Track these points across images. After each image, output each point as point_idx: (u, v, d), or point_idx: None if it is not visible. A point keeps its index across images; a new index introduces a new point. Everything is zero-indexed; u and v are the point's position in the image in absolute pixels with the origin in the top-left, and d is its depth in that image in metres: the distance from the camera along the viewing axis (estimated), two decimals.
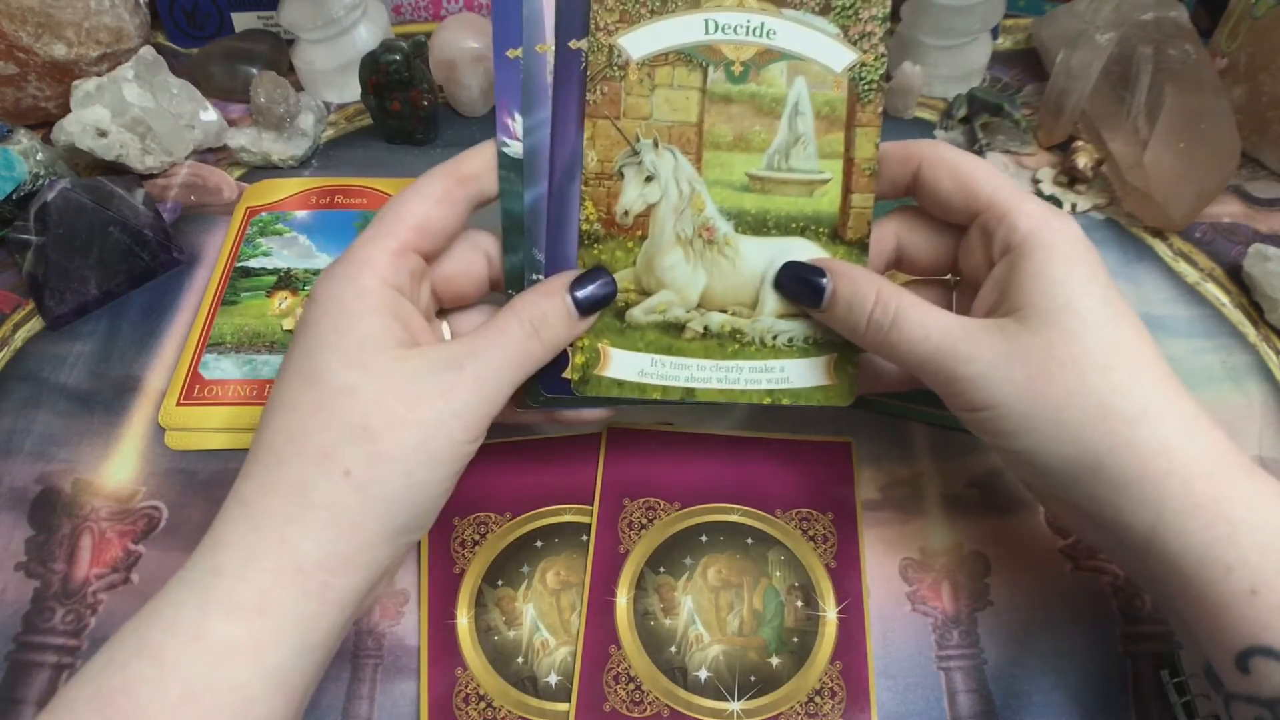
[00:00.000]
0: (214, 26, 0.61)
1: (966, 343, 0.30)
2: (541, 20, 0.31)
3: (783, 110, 0.33)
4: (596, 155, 0.33)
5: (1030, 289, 0.29)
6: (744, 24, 0.33)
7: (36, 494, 0.40)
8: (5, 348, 0.46)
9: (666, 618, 0.36)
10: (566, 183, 0.33)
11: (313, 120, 0.54)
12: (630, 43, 0.32)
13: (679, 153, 0.33)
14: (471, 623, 0.36)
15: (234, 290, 0.47)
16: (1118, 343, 0.29)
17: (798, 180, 0.34)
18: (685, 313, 0.34)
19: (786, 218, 0.34)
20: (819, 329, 0.34)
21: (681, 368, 0.34)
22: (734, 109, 0.33)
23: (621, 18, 0.32)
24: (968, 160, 0.32)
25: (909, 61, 0.53)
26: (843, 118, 0.34)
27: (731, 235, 0.34)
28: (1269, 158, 0.51)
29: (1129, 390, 0.28)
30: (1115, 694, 0.34)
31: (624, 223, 0.33)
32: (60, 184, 0.44)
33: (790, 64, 0.33)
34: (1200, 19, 0.56)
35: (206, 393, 0.42)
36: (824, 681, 0.34)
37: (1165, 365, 0.29)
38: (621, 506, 0.38)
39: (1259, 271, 0.45)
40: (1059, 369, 0.28)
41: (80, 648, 0.36)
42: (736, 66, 0.33)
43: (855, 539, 0.38)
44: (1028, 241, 0.30)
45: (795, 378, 0.34)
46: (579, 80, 0.32)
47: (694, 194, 0.34)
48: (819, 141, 0.34)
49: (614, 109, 0.32)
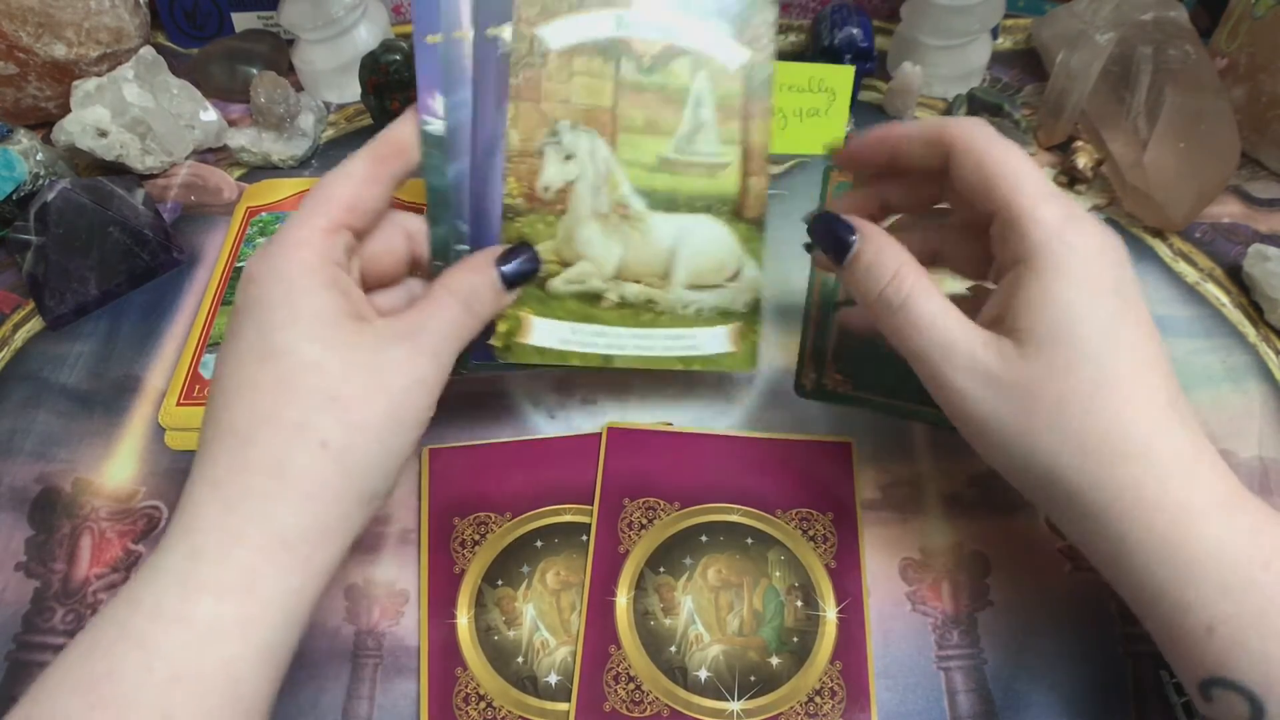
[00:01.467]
0: (214, 26, 0.61)
1: (964, 353, 0.29)
2: (459, 9, 0.34)
3: (687, 100, 0.36)
4: (519, 135, 0.35)
5: (1030, 314, 0.28)
6: (651, 22, 0.36)
7: (36, 494, 0.40)
8: (5, 348, 0.46)
9: (666, 618, 0.36)
10: (487, 159, 0.34)
11: (313, 120, 0.54)
12: (550, 33, 0.35)
13: (595, 135, 0.36)
14: (471, 623, 0.36)
15: (234, 290, 0.47)
16: (1109, 378, 0.28)
17: (701, 163, 0.37)
18: (602, 283, 0.36)
19: (693, 196, 0.37)
20: (726, 299, 0.38)
21: (600, 335, 0.37)
22: (645, 97, 0.36)
23: (542, 11, 0.34)
24: (996, 149, 0.30)
25: (909, 61, 0.53)
26: (739, 109, 0.37)
27: (644, 211, 0.37)
28: (1269, 158, 0.51)
29: (1109, 431, 0.28)
30: (1115, 694, 0.34)
31: (545, 197, 0.35)
32: (60, 184, 0.44)
33: (693, 59, 0.36)
34: (1200, 19, 0.56)
35: (207, 393, 0.42)
36: (824, 681, 0.34)
37: (1163, 401, 0.28)
38: (621, 506, 0.38)
39: (1259, 271, 0.45)
40: (1043, 404, 0.28)
41: None
42: (646, 59, 0.36)
43: (855, 539, 0.38)
44: (1035, 257, 0.29)
45: (705, 345, 0.38)
46: (497, 65, 0.34)
47: (609, 173, 0.36)
48: (719, 129, 0.37)
49: (534, 93, 0.35)
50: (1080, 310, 0.28)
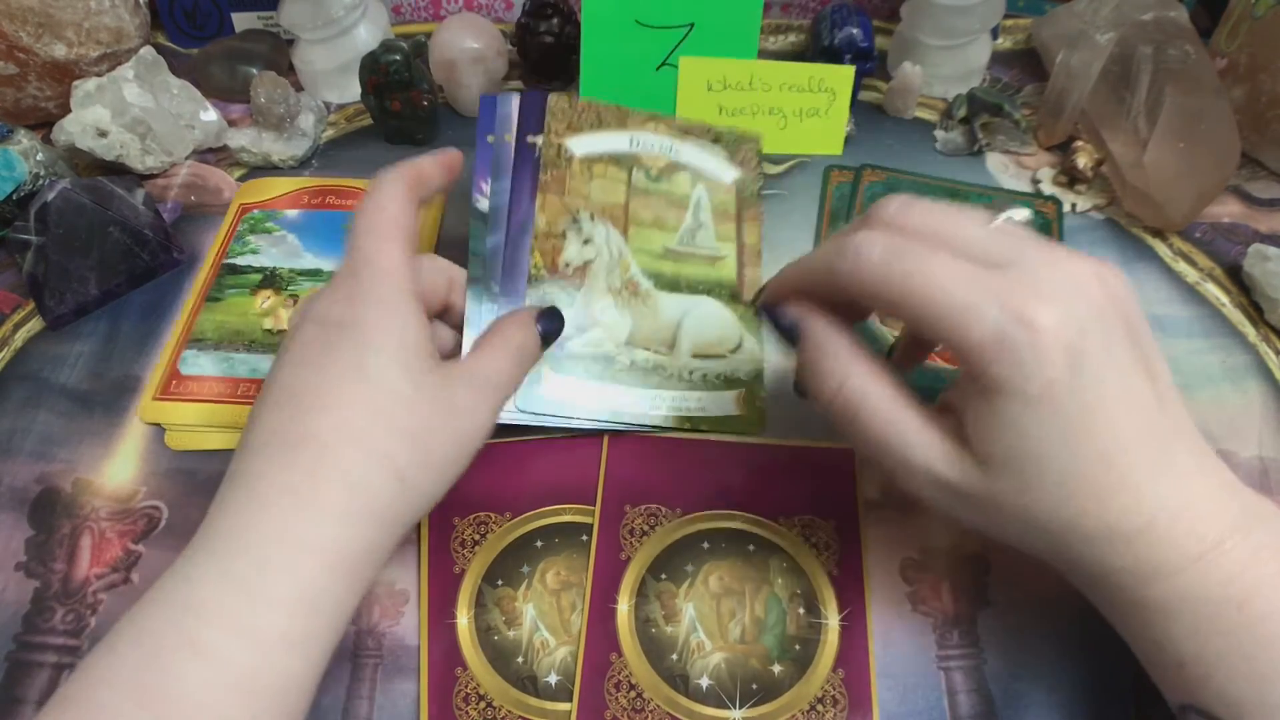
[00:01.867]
0: (214, 26, 0.61)
1: (922, 470, 0.28)
2: (510, 119, 0.42)
3: (689, 204, 0.44)
4: (545, 219, 0.41)
5: (984, 438, 0.27)
6: (658, 143, 0.45)
7: (36, 494, 0.40)
8: (5, 348, 0.46)
9: (668, 625, 0.36)
10: (519, 235, 0.41)
11: (313, 120, 0.54)
12: (575, 144, 0.43)
13: (610, 225, 0.42)
14: (471, 623, 0.36)
15: (220, 287, 0.47)
16: (1076, 483, 0.26)
17: (702, 255, 0.44)
18: (615, 348, 0.41)
19: (695, 281, 0.43)
20: (729, 367, 0.42)
21: (610, 393, 0.40)
22: (652, 199, 0.44)
23: (569, 126, 0.43)
24: (895, 284, 0.27)
25: (909, 61, 0.53)
26: (733, 214, 0.45)
27: (652, 290, 0.42)
28: (1269, 158, 0.51)
29: (1080, 521, 0.27)
30: (1115, 694, 0.34)
31: (566, 272, 0.41)
32: (60, 184, 0.44)
33: (693, 174, 0.45)
34: (1200, 19, 0.56)
35: (184, 389, 0.42)
36: (826, 689, 0.34)
37: (1146, 451, 0.26)
38: (623, 513, 0.38)
39: (1259, 271, 0.45)
40: (1009, 513, 0.28)
41: (80, 647, 0.36)
42: (654, 170, 0.44)
43: (858, 546, 0.37)
44: (979, 379, 0.26)
45: (711, 407, 0.41)
46: (533, 164, 0.42)
47: (621, 257, 0.42)
48: (716, 229, 0.45)
49: (560, 188, 0.42)
50: (1031, 428, 0.26)
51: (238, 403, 0.42)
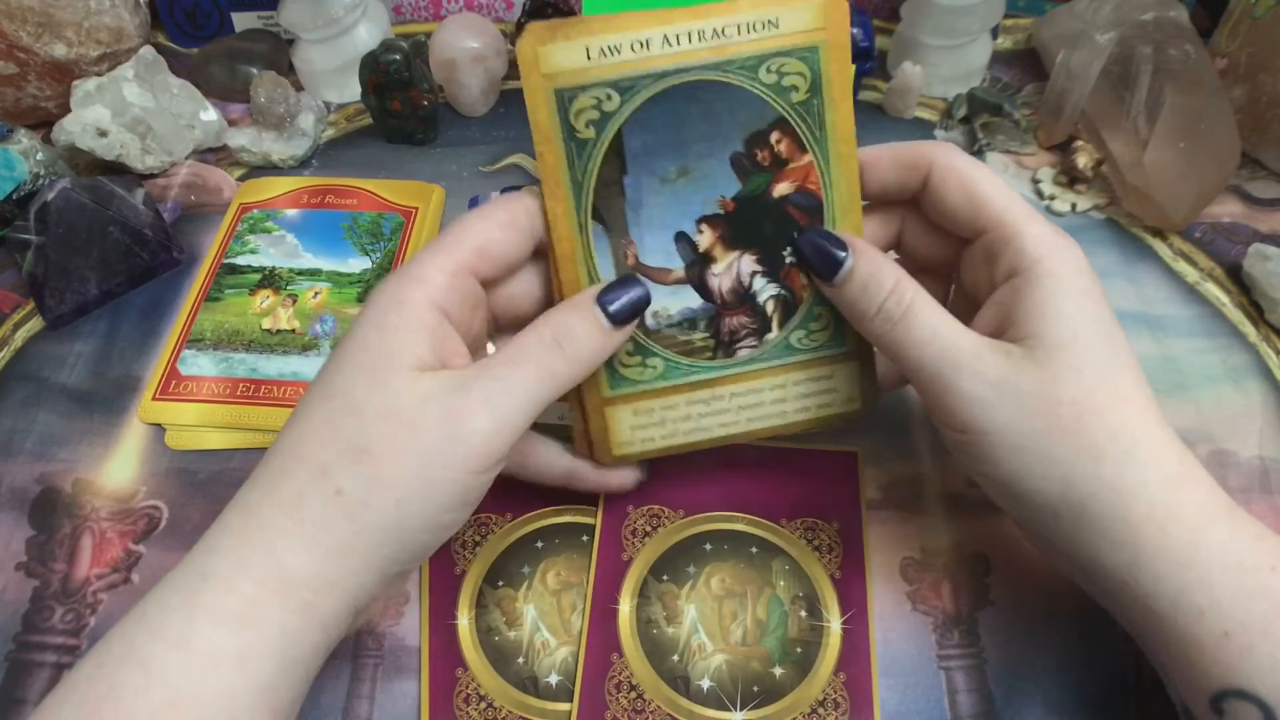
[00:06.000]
0: (214, 26, 0.61)
1: (971, 358, 0.29)
2: None
3: None
4: None
5: (1037, 320, 0.29)
6: None
7: (36, 494, 0.40)
8: (5, 348, 0.46)
9: (669, 626, 0.36)
10: None
11: (313, 120, 0.54)
12: None
13: None
14: (472, 623, 0.36)
15: (219, 287, 0.47)
16: (1115, 385, 0.28)
17: None
18: None
19: None
20: None
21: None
22: None
23: None
24: (979, 172, 0.31)
25: (909, 61, 0.53)
26: None
27: None
28: (1269, 158, 0.51)
29: (1120, 434, 0.28)
30: (1116, 694, 0.34)
31: None
32: (60, 184, 0.44)
33: None
34: (1200, 19, 0.56)
35: (182, 389, 0.42)
36: (827, 693, 0.34)
37: (1155, 408, 0.29)
38: (625, 514, 0.38)
39: (1259, 271, 0.45)
40: (1057, 406, 0.28)
41: (80, 647, 0.36)
42: None
43: (861, 549, 0.37)
44: (1035, 268, 0.29)
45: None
46: None
47: None
48: None
49: None
50: (1085, 319, 0.29)
51: (237, 403, 0.42)
